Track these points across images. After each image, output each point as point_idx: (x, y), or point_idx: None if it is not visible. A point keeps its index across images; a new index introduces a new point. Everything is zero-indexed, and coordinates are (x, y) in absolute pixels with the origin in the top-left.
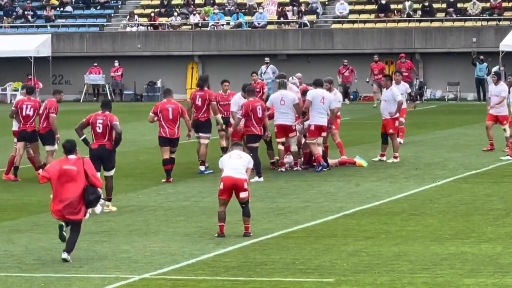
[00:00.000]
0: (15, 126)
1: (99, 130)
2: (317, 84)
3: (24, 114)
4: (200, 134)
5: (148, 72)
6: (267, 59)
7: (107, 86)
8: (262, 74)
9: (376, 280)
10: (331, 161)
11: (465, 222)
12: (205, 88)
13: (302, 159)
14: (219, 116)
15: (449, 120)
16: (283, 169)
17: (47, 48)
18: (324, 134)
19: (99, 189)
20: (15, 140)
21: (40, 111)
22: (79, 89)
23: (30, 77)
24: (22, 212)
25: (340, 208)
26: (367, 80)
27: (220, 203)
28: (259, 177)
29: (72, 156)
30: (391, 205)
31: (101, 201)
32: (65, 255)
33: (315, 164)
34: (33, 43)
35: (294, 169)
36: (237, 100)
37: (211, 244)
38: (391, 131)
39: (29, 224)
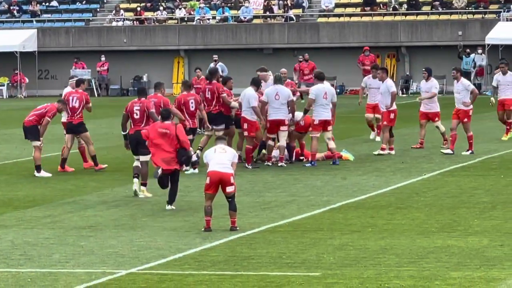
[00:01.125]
0: (64, 118)
1: (136, 117)
2: (320, 78)
3: (70, 106)
4: (214, 127)
5: (134, 67)
6: (215, 56)
7: (93, 81)
8: None
9: (363, 274)
10: (318, 155)
11: (452, 215)
12: (214, 81)
13: (287, 153)
14: (233, 103)
15: None
16: (270, 163)
17: (33, 43)
18: (330, 128)
19: (190, 150)
20: (65, 132)
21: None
22: (65, 84)
23: (17, 72)
24: (8, 208)
25: (327, 202)
26: (296, 81)
27: (206, 198)
28: (194, 168)
29: (167, 122)
30: (377, 198)
31: (194, 158)
32: (169, 207)
33: (301, 158)
34: (19, 38)
35: (279, 164)
36: (252, 95)
37: (197, 238)
38: (385, 123)
39: (14, 219)
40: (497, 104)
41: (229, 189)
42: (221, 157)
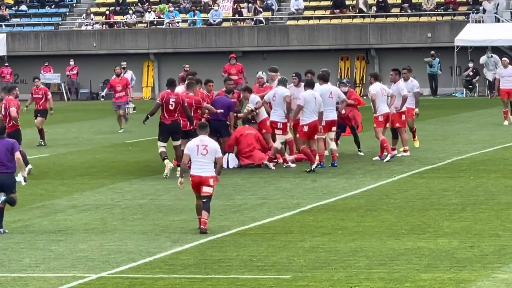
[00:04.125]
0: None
1: (171, 108)
2: (325, 79)
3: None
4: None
5: (103, 71)
6: (123, 63)
7: (62, 85)
8: None
9: (333, 276)
10: (288, 157)
11: (422, 217)
12: None
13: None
14: (208, 105)
15: None
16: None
17: (2, 48)
18: (334, 128)
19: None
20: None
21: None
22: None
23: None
24: None
25: (297, 205)
26: None
27: (196, 197)
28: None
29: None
30: (347, 201)
31: None
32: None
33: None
34: None
35: (264, 163)
36: (319, 99)
37: (168, 242)
38: (397, 125)
39: None
40: None
41: (205, 189)
42: (201, 161)
